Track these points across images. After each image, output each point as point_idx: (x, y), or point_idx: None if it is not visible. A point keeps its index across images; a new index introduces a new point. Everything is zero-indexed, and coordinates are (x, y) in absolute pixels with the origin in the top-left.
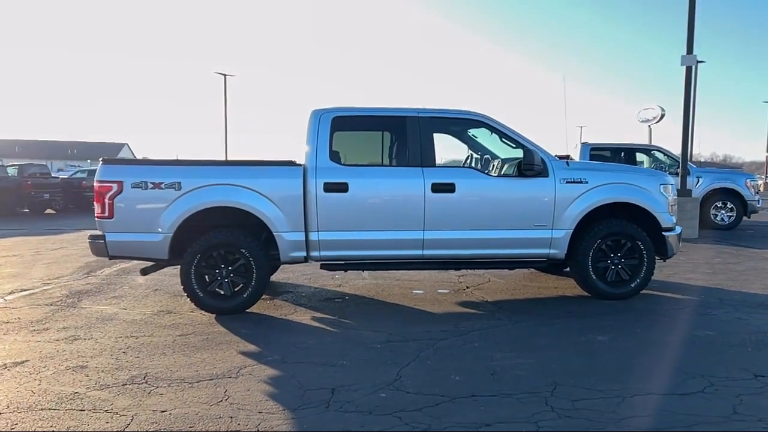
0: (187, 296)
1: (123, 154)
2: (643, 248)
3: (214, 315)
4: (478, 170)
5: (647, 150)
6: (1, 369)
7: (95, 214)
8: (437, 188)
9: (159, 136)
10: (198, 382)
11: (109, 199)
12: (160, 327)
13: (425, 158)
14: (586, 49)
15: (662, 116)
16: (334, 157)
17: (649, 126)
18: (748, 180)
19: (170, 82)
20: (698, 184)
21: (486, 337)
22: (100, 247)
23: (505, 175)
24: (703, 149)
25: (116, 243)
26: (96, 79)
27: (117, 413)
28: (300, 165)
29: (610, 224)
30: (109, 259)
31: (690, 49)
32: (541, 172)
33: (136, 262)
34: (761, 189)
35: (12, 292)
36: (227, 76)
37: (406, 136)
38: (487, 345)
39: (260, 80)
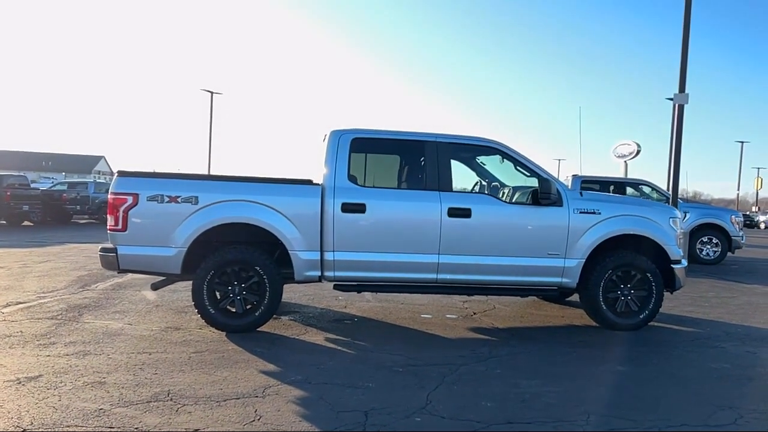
0: (198, 313)
1: (99, 168)
2: (652, 280)
3: (224, 333)
4: (494, 197)
5: (635, 184)
6: (15, 384)
7: (108, 227)
8: (454, 213)
9: (138, 150)
10: (225, 400)
11: (123, 212)
12: (172, 343)
13: (442, 182)
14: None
15: (638, 152)
16: (352, 178)
17: (625, 161)
18: (733, 216)
19: (154, 96)
20: (685, 219)
21: (506, 364)
22: (110, 260)
23: (519, 203)
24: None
25: (128, 256)
26: (74, 90)
27: (147, 431)
28: (318, 184)
29: (622, 255)
30: (118, 272)
31: (682, 87)
32: (556, 201)
33: (131, 276)
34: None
35: (8, 305)
36: (213, 94)
37: (424, 160)
38: (509, 372)
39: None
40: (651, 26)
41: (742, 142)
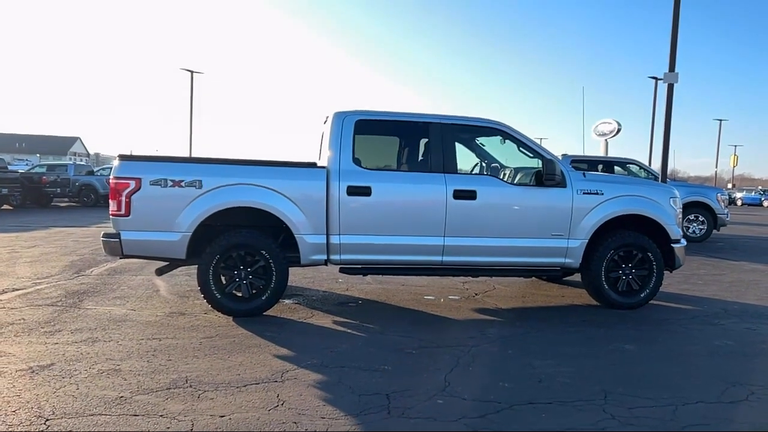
0: (204, 297)
1: (75, 149)
2: (653, 259)
3: (230, 317)
4: (498, 178)
5: (623, 163)
6: (28, 373)
7: (110, 212)
8: (459, 195)
9: (114, 132)
10: (244, 386)
11: (126, 197)
12: (180, 329)
13: (447, 164)
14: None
15: (618, 130)
16: (357, 160)
17: (606, 140)
18: (718, 194)
19: (131, 76)
20: None
21: (516, 345)
22: (114, 245)
23: (522, 184)
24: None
25: (132, 242)
26: (48, 70)
27: (174, 418)
28: (323, 167)
29: (624, 235)
30: (121, 258)
31: (672, 66)
32: (560, 182)
33: (125, 261)
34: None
35: (4, 292)
36: (194, 73)
37: (429, 141)
38: (521, 353)
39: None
40: (628, 6)
41: (720, 120)
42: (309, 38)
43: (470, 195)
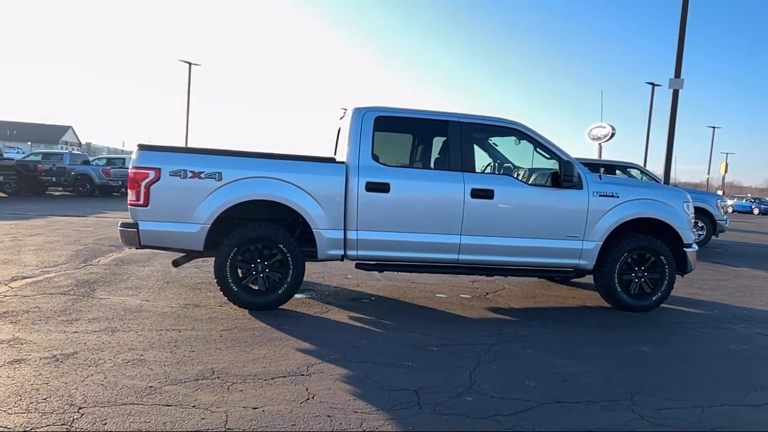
0: (221, 290)
1: (67, 138)
2: (665, 263)
3: (246, 310)
4: (515, 178)
5: (624, 167)
6: (53, 361)
7: (128, 201)
8: (477, 194)
9: (107, 121)
10: (272, 378)
11: (145, 187)
12: (197, 321)
13: (465, 163)
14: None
15: (612, 134)
16: (375, 157)
17: (600, 144)
18: (718, 201)
19: (127, 66)
20: None
21: (534, 344)
22: (131, 235)
23: (538, 185)
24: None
25: (150, 232)
26: (40, 57)
27: (207, 409)
28: (342, 162)
29: (638, 238)
30: (138, 248)
31: (678, 72)
32: (577, 184)
33: (131, 252)
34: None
35: (14, 279)
36: (192, 65)
37: (448, 140)
38: (540, 352)
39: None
40: (623, 13)
41: (714, 128)
42: (307, 27)
43: (488, 194)
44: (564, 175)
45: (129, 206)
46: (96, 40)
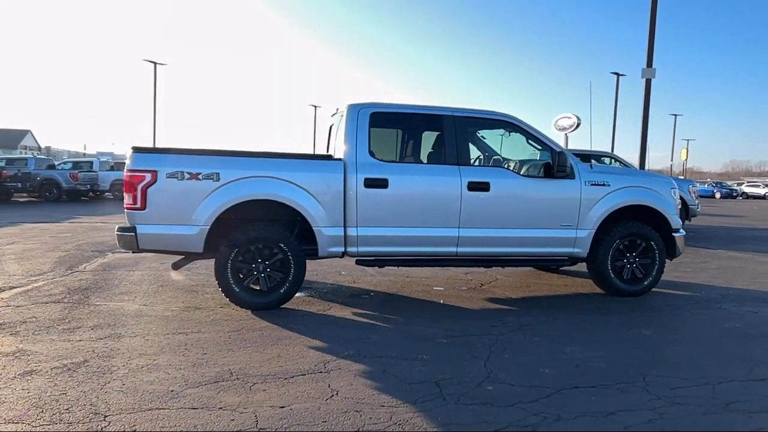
0: (223, 291)
1: (26, 143)
2: (655, 248)
3: (248, 311)
4: (510, 170)
5: (598, 156)
6: (65, 371)
7: (125, 205)
8: (473, 187)
9: (67, 125)
10: (291, 377)
11: (141, 190)
12: (201, 323)
13: (461, 156)
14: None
15: (578, 125)
16: (372, 153)
17: (566, 134)
18: (690, 186)
19: (89, 68)
20: None
21: (539, 332)
22: (129, 239)
23: (531, 176)
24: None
25: (148, 236)
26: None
27: (235, 410)
28: (340, 160)
29: (629, 225)
30: (135, 252)
31: (650, 62)
32: (569, 174)
33: (117, 256)
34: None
35: (1, 290)
36: (157, 65)
37: (443, 134)
38: (547, 339)
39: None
40: (583, 5)
41: (676, 115)
42: (281, 26)
43: (484, 187)
44: (558, 165)
45: (125, 210)
46: (54, 41)
